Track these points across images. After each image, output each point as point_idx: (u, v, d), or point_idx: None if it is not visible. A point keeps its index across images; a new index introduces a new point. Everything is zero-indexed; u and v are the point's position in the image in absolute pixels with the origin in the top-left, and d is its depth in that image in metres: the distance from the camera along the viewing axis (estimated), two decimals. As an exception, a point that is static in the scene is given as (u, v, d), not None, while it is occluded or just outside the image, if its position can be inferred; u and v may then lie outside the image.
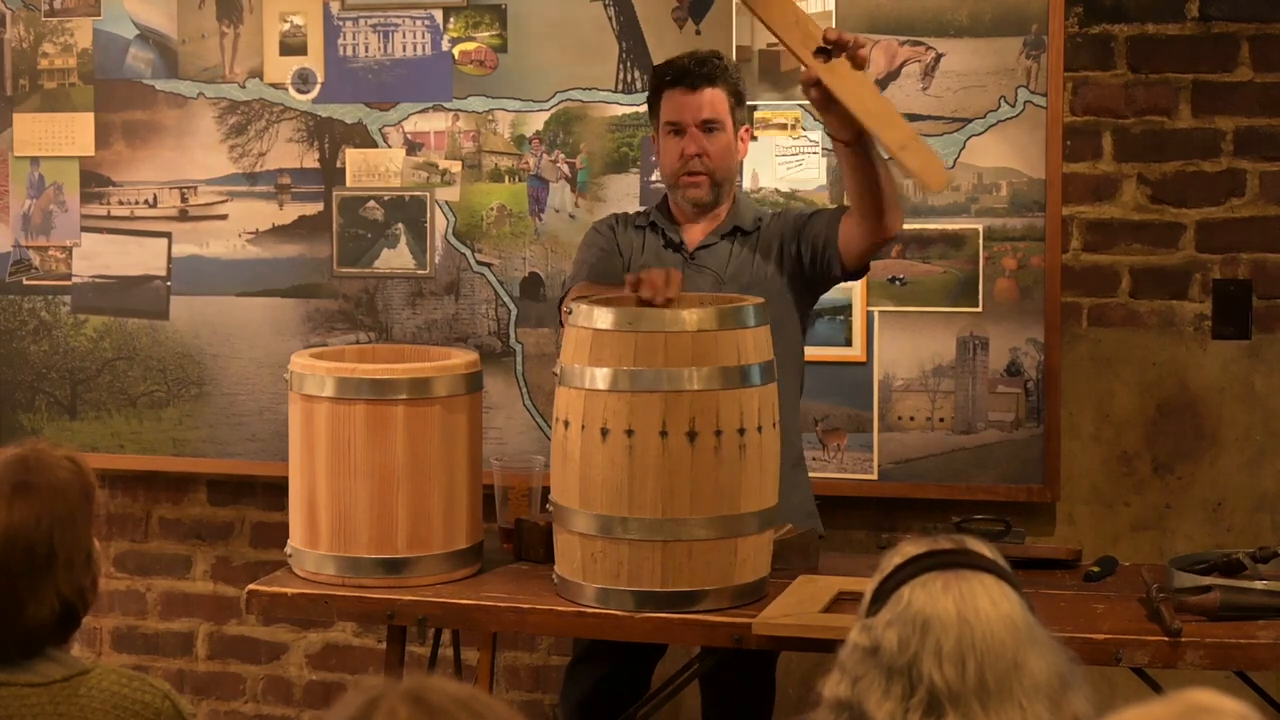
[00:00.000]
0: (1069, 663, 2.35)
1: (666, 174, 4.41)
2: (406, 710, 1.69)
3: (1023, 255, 4.95)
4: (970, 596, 2.33)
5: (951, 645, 2.30)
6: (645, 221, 4.46)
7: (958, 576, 2.35)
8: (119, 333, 5.57)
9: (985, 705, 2.27)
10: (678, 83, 4.34)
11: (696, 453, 3.66)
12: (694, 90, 4.32)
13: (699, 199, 4.38)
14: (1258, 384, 4.93)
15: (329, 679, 5.58)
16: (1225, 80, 4.88)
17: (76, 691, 2.77)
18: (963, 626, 2.30)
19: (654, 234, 4.43)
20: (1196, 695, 1.77)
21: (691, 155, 4.32)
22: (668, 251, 4.40)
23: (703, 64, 4.34)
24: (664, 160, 4.40)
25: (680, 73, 4.34)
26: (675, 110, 4.34)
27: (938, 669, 2.29)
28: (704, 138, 4.32)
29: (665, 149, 4.37)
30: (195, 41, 5.46)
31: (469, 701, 1.72)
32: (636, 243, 4.44)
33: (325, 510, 3.94)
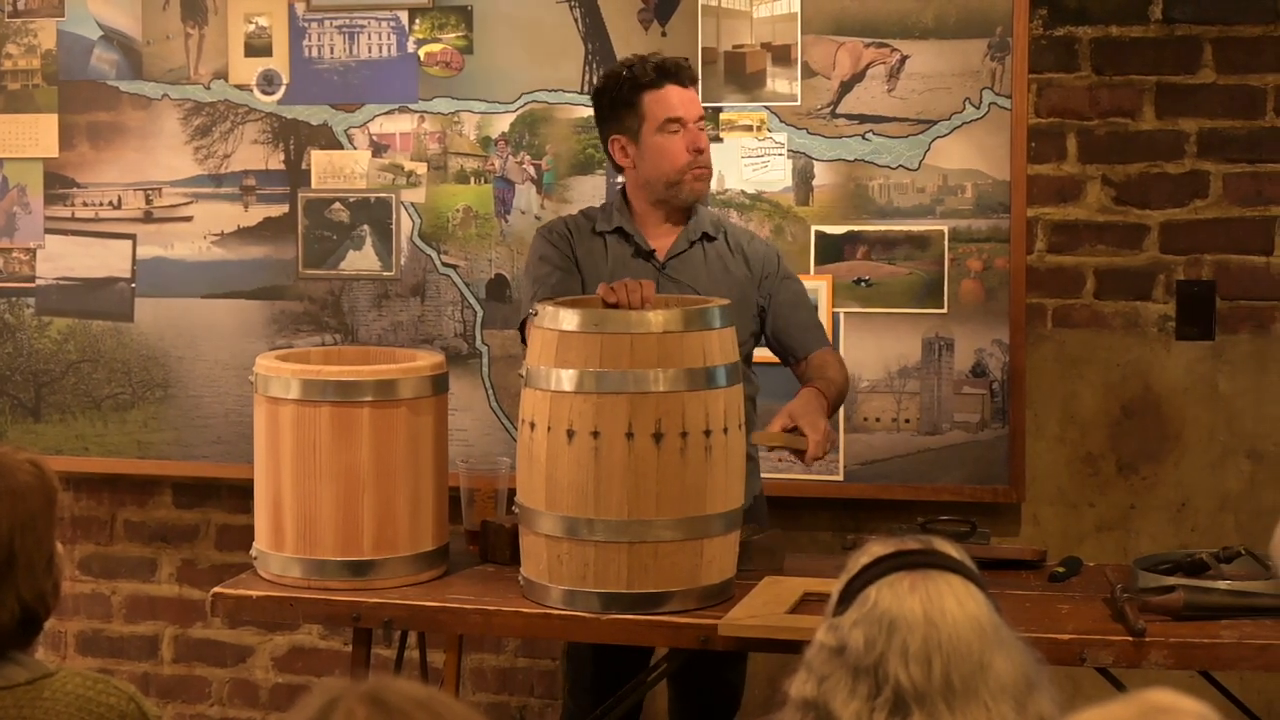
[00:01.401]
0: (1035, 664, 2.36)
1: (669, 173, 4.33)
2: (365, 711, 1.69)
3: (988, 257, 4.96)
4: (937, 597, 2.33)
5: (918, 645, 2.30)
6: (608, 227, 4.41)
7: (925, 577, 2.36)
8: (83, 335, 5.56)
9: (951, 705, 2.28)
10: (671, 79, 4.32)
11: (662, 454, 3.66)
12: (687, 87, 4.34)
13: (703, 194, 4.39)
14: (1221, 385, 4.95)
15: (295, 681, 5.57)
16: (1188, 82, 4.90)
17: (41, 694, 2.76)
18: (929, 627, 2.31)
19: (621, 241, 4.40)
20: (1156, 695, 1.78)
21: (703, 149, 4.33)
22: (638, 261, 4.36)
23: (674, 60, 4.36)
24: (663, 160, 4.33)
25: (672, 69, 4.33)
26: (674, 107, 4.31)
27: (904, 669, 2.30)
28: (702, 134, 4.34)
29: (662, 148, 4.32)
30: (160, 43, 5.45)
31: (428, 702, 1.72)
32: (599, 251, 4.39)
33: (290, 513, 3.94)
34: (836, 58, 5.01)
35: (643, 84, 4.33)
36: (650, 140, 4.33)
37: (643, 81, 4.33)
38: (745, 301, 4.34)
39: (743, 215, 5.07)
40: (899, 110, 4.99)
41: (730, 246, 4.44)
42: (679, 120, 4.31)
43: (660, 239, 4.39)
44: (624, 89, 4.35)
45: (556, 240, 4.40)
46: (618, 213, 4.42)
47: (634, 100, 4.34)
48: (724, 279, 4.37)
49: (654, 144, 4.33)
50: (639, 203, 4.40)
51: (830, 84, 5.02)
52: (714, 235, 4.42)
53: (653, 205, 4.39)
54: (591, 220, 4.44)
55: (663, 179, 4.35)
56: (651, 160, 4.35)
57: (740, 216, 5.06)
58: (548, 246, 4.40)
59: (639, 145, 4.35)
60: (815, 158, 5.03)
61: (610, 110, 4.38)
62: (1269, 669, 3.69)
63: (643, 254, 4.37)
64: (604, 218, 4.43)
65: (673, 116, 4.31)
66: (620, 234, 4.39)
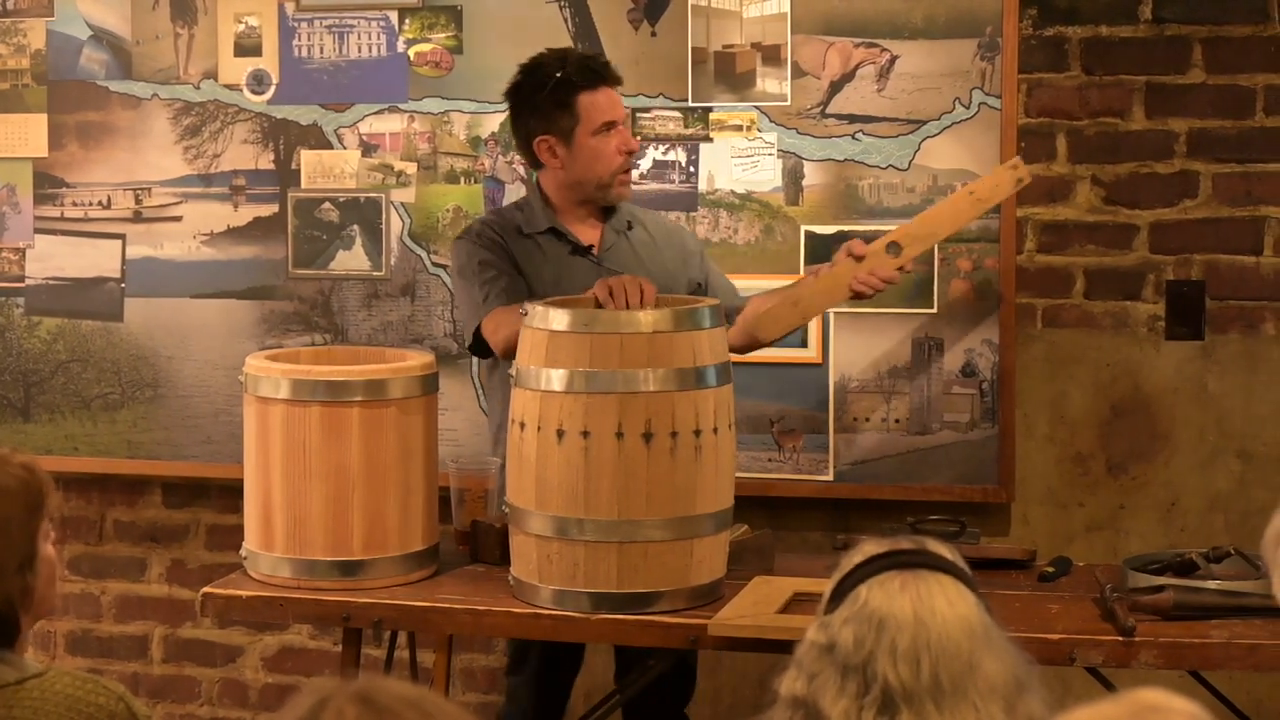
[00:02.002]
0: (1025, 665, 2.36)
1: (601, 175, 4.36)
2: (355, 710, 1.69)
3: (977, 257, 4.96)
4: (927, 596, 2.33)
5: (907, 644, 2.30)
6: (538, 228, 4.41)
7: (915, 576, 2.36)
8: (73, 335, 5.55)
9: (940, 705, 2.28)
10: (604, 81, 4.35)
11: (652, 454, 3.66)
12: (615, 87, 4.38)
13: (629, 197, 4.44)
14: (1211, 384, 4.95)
15: (285, 681, 5.57)
16: (1178, 82, 4.90)
17: (30, 694, 2.75)
18: (918, 626, 2.31)
19: (554, 240, 4.41)
20: (1146, 694, 1.78)
21: (634, 150, 4.36)
22: (576, 258, 4.40)
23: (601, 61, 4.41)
24: (597, 162, 4.35)
25: (600, 71, 4.35)
26: (609, 109, 4.34)
27: (892, 668, 2.30)
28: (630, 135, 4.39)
29: (597, 150, 4.34)
30: (149, 42, 5.44)
31: (418, 701, 1.72)
32: (534, 252, 4.39)
33: (280, 512, 3.94)
34: (826, 58, 5.01)
35: (578, 85, 4.33)
36: (585, 142, 4.35)
37: (578, 82, 4.33)
38: (676, 285, 4.40)
39: (732, 215, 5.07)
40: (889, 110, 4.99)
41: (650, 233, 4.52)
42: (611, 122, 4.34)
43: (588, 234, 4.44)
44: (558, 89, 4.35)
45: (489, 244, 4.38)
46: (542, 213, 4.42)
47: (569, 101, 4.34)
48: (655, 265, 4.42)
49: (589, 146, 4.35)
50: (562, 201, 4.42)
51: (820, 84, 5.02)
52: (634, 225, 4.48)
53: (577, 203, 4.41)
54: (514, 222, 4.44)
55: (595, 180, 4.38)
56: (585, 162, 4.37)
57: (730, 216, 5.07)
58: (483, 251, 4.38)
59: (571, 147, 4.36)
60: (805, 158, 5.03)
61: (538, 109, 4.38)
62: (1258, 669, 3.69)
63: (579, 251, 4.40)
64: (527, 219, 4.43)
65: (609, 120, 4.34)
66: (553, 233, 4.41)
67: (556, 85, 4.35)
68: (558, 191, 4.42)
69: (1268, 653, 3.55)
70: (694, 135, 5.09)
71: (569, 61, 4.37)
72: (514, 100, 4.45)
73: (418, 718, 1.70)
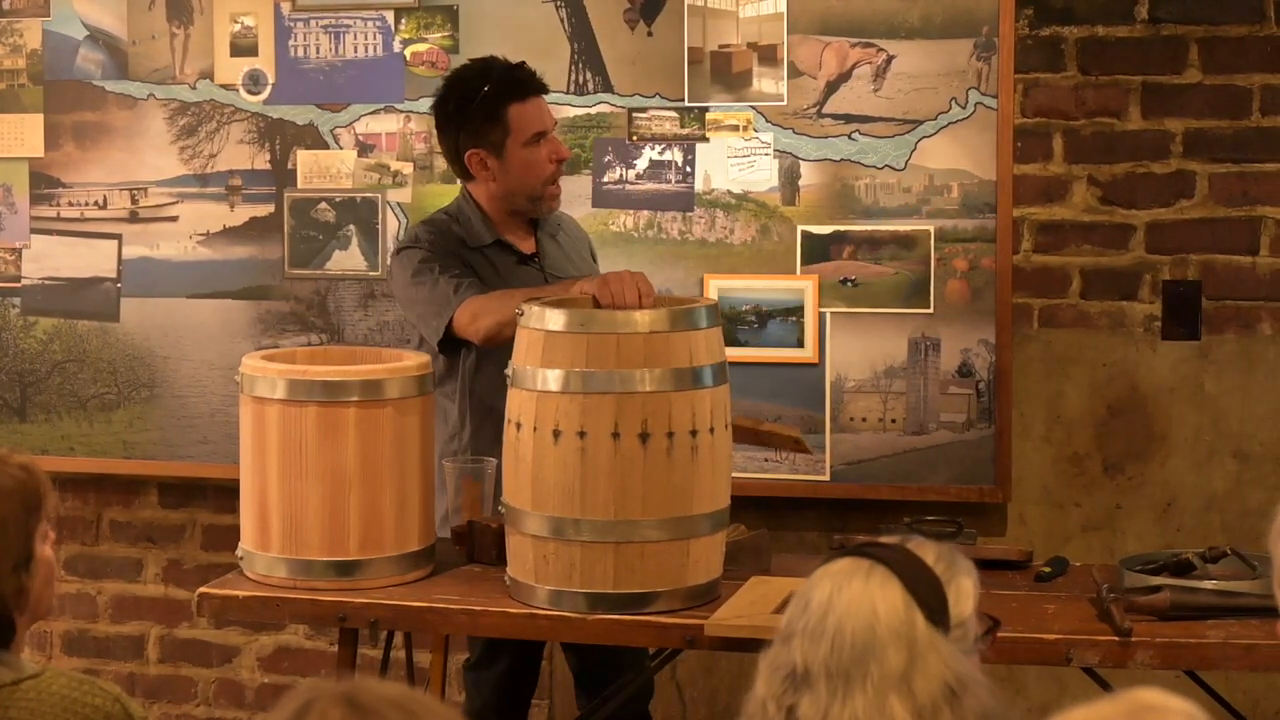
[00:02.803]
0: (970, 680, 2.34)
1: (532, 187, 4.36)
2: (339, 712, 1.69)
3: (974, 256, 4.96)
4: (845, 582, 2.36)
5: (815, 624, 2.34)
6: (483, 241, 4.40)
7: (854, 564, 2.39)
8: (69, 335, 5.55)
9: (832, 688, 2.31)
10: (532, 91, 4.34)
11: (649, 454, 3.66)
12: (543, 98, 4.37)
13: (557, 209, 4.45)
14: (1207, 384, 4.95)
15: (281, 682, 5.56)
16: (1174, 82, 4.90)
17: (26, 695, 2.75)
18: (828, 608, 2.34)
19: (501, 252, 4.41)
20: (1143, 694, 1.78)
21: (565, 157, 4.39)
22: (523, 268, 4.41)
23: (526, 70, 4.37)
24: (529, 173, 4.35)
25: (527, 81, 4.34)
26: (539, 120, 4.34)
27: (802, 646, 2.34)
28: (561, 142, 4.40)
29: (529, 161, 4.33)
30: (145, 42, 5.44)
31: (402, 701, 1.72)
32: (483, 264, 4.38)
33: (277, 513, 3.93)
34: (823, 58, 5.01)
35: (506, 97, 4.32)
36: (517, 154, 4.34)
37: (506, 94, 4.32)
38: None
39: (728, 215, 5.07)
40: (885, 110, 4.99)
41: (568, 233, 4.58)
42: (542, 133, 4.34)
43: (526, 243, 4.46)
44: (487, 102, 4.33)
45: (443, 252, 4.35)
46: (483, 225, 4.41)
47: (498, 114, 4.33)
48: (581, 265, 4.49)
49: (520, 157, 4.35)
50: (495, 212, 4.42)
51: (816, 84, 5.02)
52: (559, 227, 4.54)
53: (509, 214, 4.42)
54: (457, 237, 4.41)
55: (526, 192, 4.38)
56: (517, 174, 4.37)
57: (726, 216, 5.07)
58: (438, 256, 4.34)
59: (503, 159, 4.35)
60: (801, 157, 5.03)
61: (467, 122, 4.36)
62: (1255, 669, 3.70)
63: (525, 260, 4.42)
64: (467, 232, 4.42)
65: (539, 130, 4.34)
66: (498, 245, 4.41)
67: (485, 98, 4.34)
68: (490, 203, 4.41)
69: (1264, 653, 3.54)
70: (690, 135, 5.09)
71: (495, 72, 4.36)
72: (440, 114, 4.44)
73: (402, 718, 1.71)
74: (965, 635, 2.43)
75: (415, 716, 1.71)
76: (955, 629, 2.40)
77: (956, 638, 2.40)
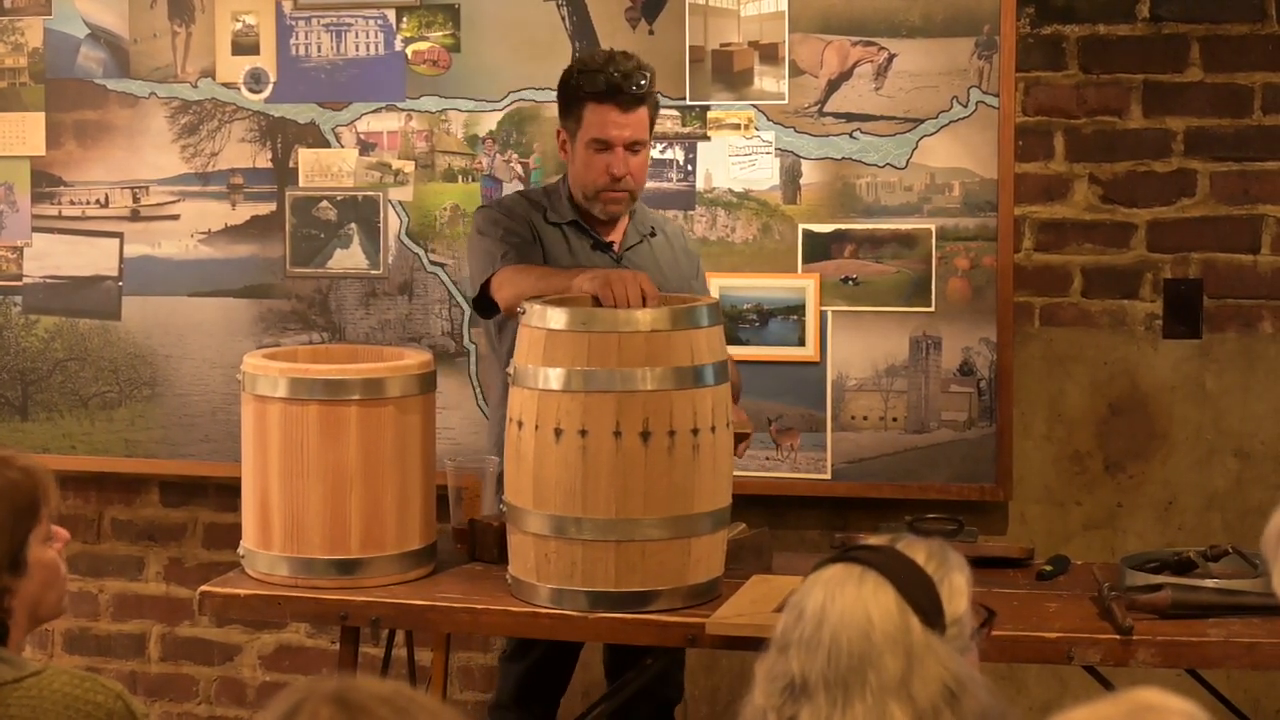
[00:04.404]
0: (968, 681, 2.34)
1: (586, 186, 4.36)
2: (329, 711, 1.70)
3: (975, 255, 4.96)
4: (838, 590, 2.35)
5: (810, 634, 2.33)
6: (562, 219, 4.41)
7: (846, 570, 2.38)
8: (70, 333, 5.55)
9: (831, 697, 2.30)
10: (608, 99, 4.30)
11: (650, 453, 3.66)
12: (626, 111, 4.31)
13: (617, 214, 4.42)
14: (1208, 383, 4.95)
15: (282, 680, 5.56)
16: (1176, 81, 4.90)
17: (28, 692, 2.75)
18: (822, 617, 2.33)
19: (578, 233, 4.41)
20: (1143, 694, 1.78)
21: (621, 177, 4.32)
22: (597, 253, 4.40)
23: (630, 78, 4.30)
24: (586, 173, 4.34)
25: (611, 89, 4.29)
26: (603, 128, 4.31)
27: (799, 656, 2.33)
28: (630, 158, 4.33)
29: (588, 162, 4.33)
30: (147, 41, 5.44)
31: (392, 698, 1.73)
32: (558, 240, 4.40)
33: (278, 511, 3.93)
34: (824, 56, 5.01)
35: (587, 93, 4.31)
36: (579, 149, 4.35)
37: (587, 91, 4.31)
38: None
39: (730, 214, 5.07)
40: (886, 109, 4.99)
41: (671, 243, 4.54)
42: (604, 142, 4.31)
43: (608, 229, 4.44)
44: (571, 90, 4.36)
45: (517, 217, 4.39)
46: (568, 203, 4.43)
47: (575, 106, 4.34)
48: (672, 274, 4.44)
49: (581, 154, 4.36)
50: (577, 194, 4.42)
51: (818, 82, 5.02)
52: (656, 232, 4.50)
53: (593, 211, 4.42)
54: (540, 208, 4.44)
55: (582, 188, 4.38)
56: (578, 168, 4.38)
57: (727, 215, 5.07)
58: (508, 220, 4.39)
59: (573, 148, 4.38)
60: (803, 156, 5.03)
61: (561, 102, 4.40)
62: (1256, 667, 3.70)
63: (601, 247, 4.41)
64: (553, 206, 4.44)
65: (597, 137, 4.32)
66: (576, 226, 4.41)
67: (571, 86, 4.36)
68: (573, 186, 4.44)
69: (1265, 651, 3.55)
70: (691, 134, 5.09)
71: (592, 68, 4.34)
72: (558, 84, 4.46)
73: (392, 715, 1.71)
74: (961, 632, 2.43)
75: (406, 713, 1.71)
76: (951, 627, 2.40)
77: (952, 635, 2.40)
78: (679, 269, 4.50)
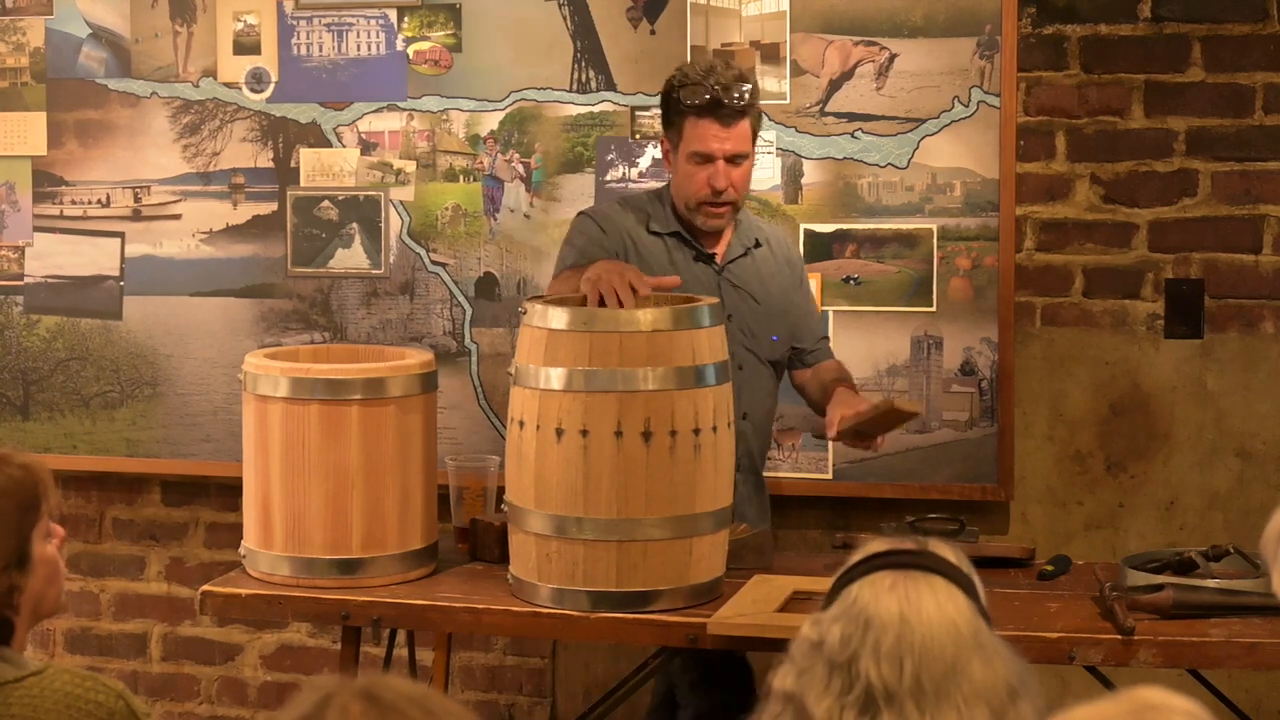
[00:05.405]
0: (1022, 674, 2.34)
1: (688, 198, 4.33)
2: (359, 707, 1.69)
3: (976, 255, 4.96)
4: (915, 597, 2.33)
5: (890, 645, 2.29)
6: (663, 230, 4.38)
7: (907, 577, 2.35)
8: (72, 333, 5.55)
9: (921, 707, 2.27)
10: (709, 113, 4.26)
11: (651, 453, 3.66)
12: (727, 125, 4.27)
13: (719, 227, 4.37)
14: (1210, 383, 4.95)
15: (283, 680, 5.57)
16: (1177, 81, 4.90)
17: (29, 692, 2.75)
18: (903, 626, 2.30)
19: (679, 245, 4.38)
20: (1146, 693, 1.78)
21: (722, 190, 4.30)
22: (699, 265, 4.37)
23: (730, 91, 4.25)
24: (686, 185, 4.32)
25: (713, 103, 4.25)
26: (703, 141, 4.27)
27: (875, 667, 2.29)
28: (731, 170, 4.29)
29: (688, 174, 4.30)
30: (148, 41, 5.44)
31: (421, 699, 1.72)
32: (659, 251, 4.37)
33: (279, 511, 3.94)
34: (825, 56, 5.01)
35: (687, 107, 4.29)
36: (681, 162, 4.33)
37: (687, 104, 4.29)
38: (792, 309, 4.46)
39: (732, 213, 5.06)
40: (888, 108, 4.99)
41: (774, 253, 4.50)
42: (705, 156, 4.28)
43: (712, 241, 4.41)
44: (673, 102, 4.33)
45: (607, 226, 4.37)
46: (668, 213, 4.41)
47: (676, 118, 4.32)
48: (774, 285, 4.44)
49: (682, 167, 4.33)
50: (680, 207, 4.40)
51: (819, 82, 5.02)
52: (761, 242, 4.46)
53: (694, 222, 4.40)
54: (643, 217, 4.41)
55: (684, 200, 4.36)
56: (679, 180, 4.36)
57: (729, 215, 5.06)
58: (598, 231, 4.37)
59: (675, 159, 4.36)
60: (804, 156, 5.03)
61: (663, 113, 4.39)
62: (1257, 667, 3.69)
63: (703, 258, 4.38)
64: (656, 218, 4.41)
65: (698, 150, 4.28)
66: (679, 238, 4.38)
67: (669, 99, 4.34)
68: (675, 195, 4.42)
69: (1267, 651, 3.55)
70: (693, 133, 5.09)
71: (693, 80, 4.30)
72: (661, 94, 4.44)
73: (421, 715, 1.70)
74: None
75: (433, 714, 1.71)
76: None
77: None
78: (781, 280, 4.48)
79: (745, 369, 4.33)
